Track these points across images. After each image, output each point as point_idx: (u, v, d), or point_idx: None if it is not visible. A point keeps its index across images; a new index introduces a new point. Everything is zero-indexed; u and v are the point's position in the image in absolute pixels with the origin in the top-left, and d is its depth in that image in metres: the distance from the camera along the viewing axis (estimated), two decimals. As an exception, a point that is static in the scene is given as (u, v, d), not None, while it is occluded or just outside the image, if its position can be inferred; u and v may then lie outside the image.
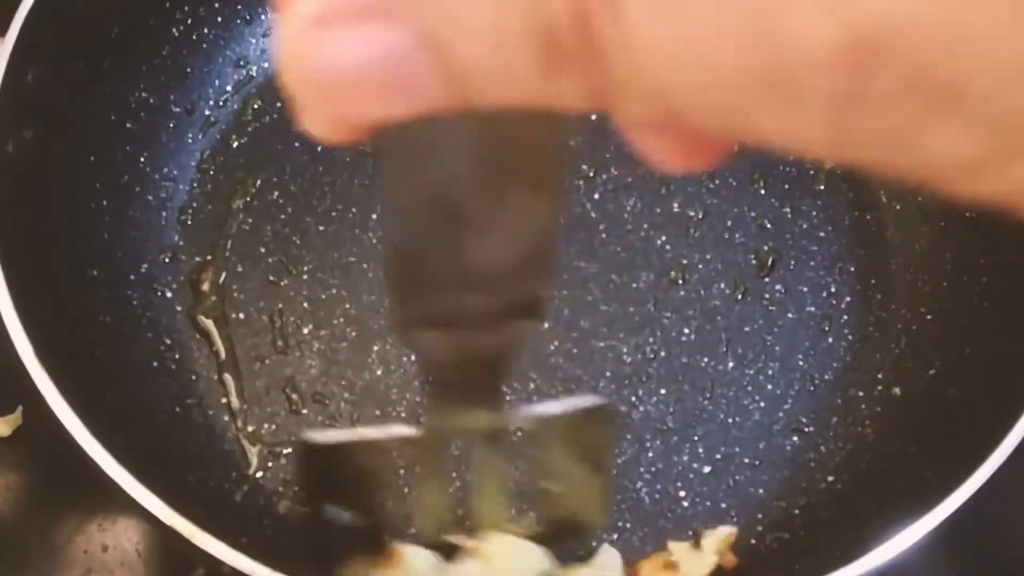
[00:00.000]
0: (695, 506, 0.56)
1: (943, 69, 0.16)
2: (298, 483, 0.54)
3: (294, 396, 0.58)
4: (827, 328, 0.60)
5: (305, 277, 0.61)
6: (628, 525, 0.55)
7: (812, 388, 0.59)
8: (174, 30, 0.64)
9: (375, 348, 0.59)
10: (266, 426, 0.58)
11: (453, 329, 0.31)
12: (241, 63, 0.67)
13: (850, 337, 0.60)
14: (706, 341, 0.60)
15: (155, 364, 0.58)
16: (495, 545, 0.44)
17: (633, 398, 0.58)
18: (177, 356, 0.59)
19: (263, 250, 0.62)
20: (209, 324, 0.60)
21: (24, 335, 0.47)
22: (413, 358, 0.59)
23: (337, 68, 0.20)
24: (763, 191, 0.64)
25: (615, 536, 0.55)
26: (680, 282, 0.61)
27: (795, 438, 0.58)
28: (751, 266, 0.62)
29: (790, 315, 0.61)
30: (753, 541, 0.55)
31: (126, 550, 0.59)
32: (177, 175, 0.64)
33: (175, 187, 0.63)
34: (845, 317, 0.61)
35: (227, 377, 0.59)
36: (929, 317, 0.60)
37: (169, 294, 0.61)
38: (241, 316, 0.60)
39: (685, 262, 0.62)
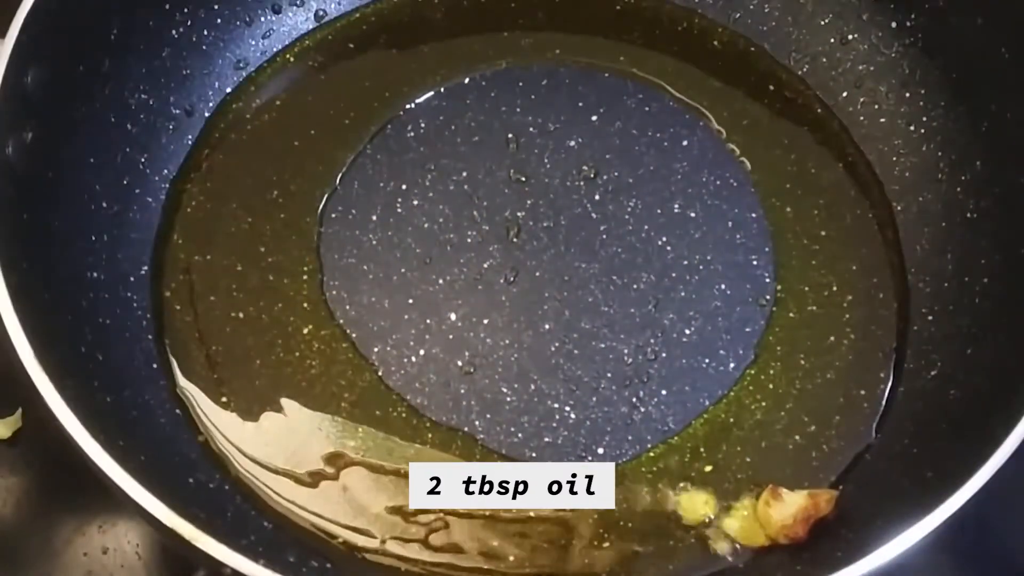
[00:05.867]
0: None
1: None
2: None
3: (294, 397, 0.58)
4: (828, 328, 0.60)
5: (305, 277, 0.61)
6: (630, 525, 0.55)
7: (813, 388, 0.59)
8: (174, 32, 0.64)
9: (375, 349, 0.59)
10: (267, 427, 0.58)
11: None
12: (241, 65, 0.67)
13: (852, 337, 0.60)
14: (707, 342, 0.60)
15: (155, 366, 0.58)
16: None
17: (634, 399, 0.58)
18: (177, 358, 0.59)
19: (263, 250, 0.62)
20: (209, 325, 0.60)
21: (24, 337, 0.47)
22: (414, 359, 0.59)
23: None
24: (764, 191, 0.64)
25: (616, 536, 0.55)
26: (681, 283, 0.61)
27: (797, 437, 0.57)
28: (752, 266, 0.62)
29: (791, 315, 0.61)
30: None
31: (126, 552, 0.59)
32: (177, 176, 0.64)
33: (175, 189, 0.63)
34: (846, 316, 0.61)
35: (227, 378, 0.59)
36: (930, 318, 0.60)
37: (168, 295, 0.60)
38: (241, 316, 0.60)
39: (686, 263, 0.62)
